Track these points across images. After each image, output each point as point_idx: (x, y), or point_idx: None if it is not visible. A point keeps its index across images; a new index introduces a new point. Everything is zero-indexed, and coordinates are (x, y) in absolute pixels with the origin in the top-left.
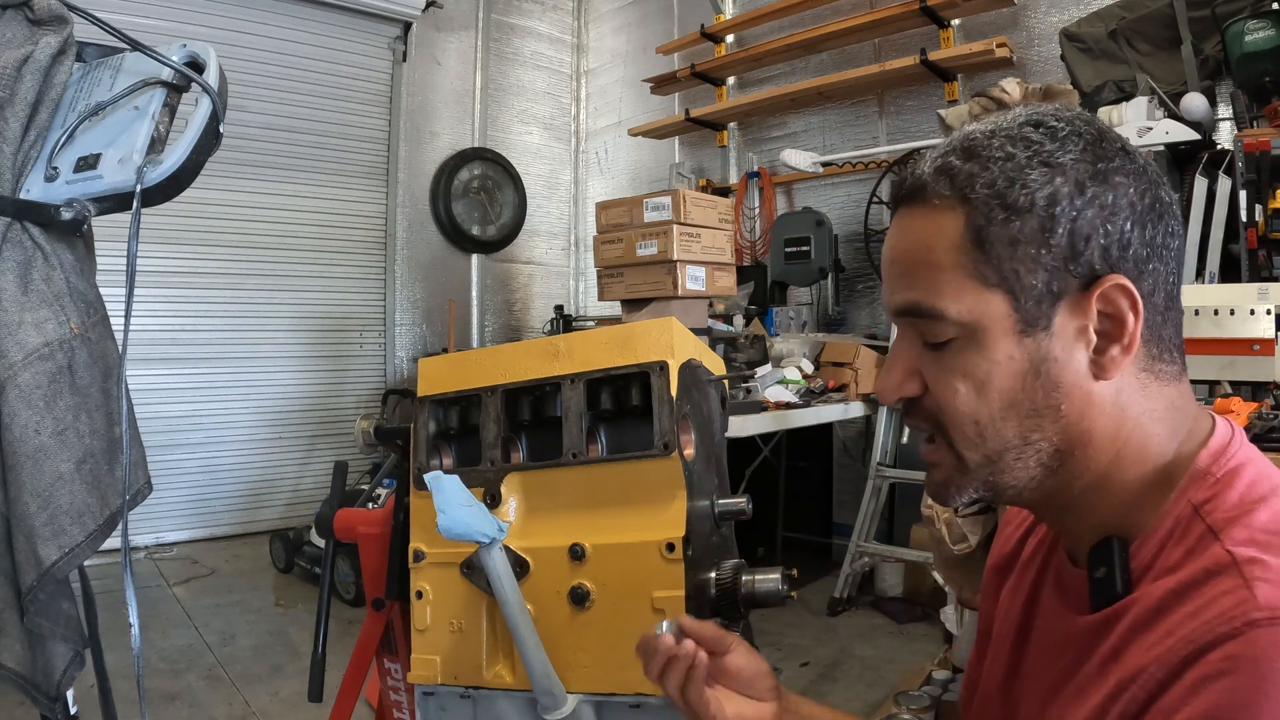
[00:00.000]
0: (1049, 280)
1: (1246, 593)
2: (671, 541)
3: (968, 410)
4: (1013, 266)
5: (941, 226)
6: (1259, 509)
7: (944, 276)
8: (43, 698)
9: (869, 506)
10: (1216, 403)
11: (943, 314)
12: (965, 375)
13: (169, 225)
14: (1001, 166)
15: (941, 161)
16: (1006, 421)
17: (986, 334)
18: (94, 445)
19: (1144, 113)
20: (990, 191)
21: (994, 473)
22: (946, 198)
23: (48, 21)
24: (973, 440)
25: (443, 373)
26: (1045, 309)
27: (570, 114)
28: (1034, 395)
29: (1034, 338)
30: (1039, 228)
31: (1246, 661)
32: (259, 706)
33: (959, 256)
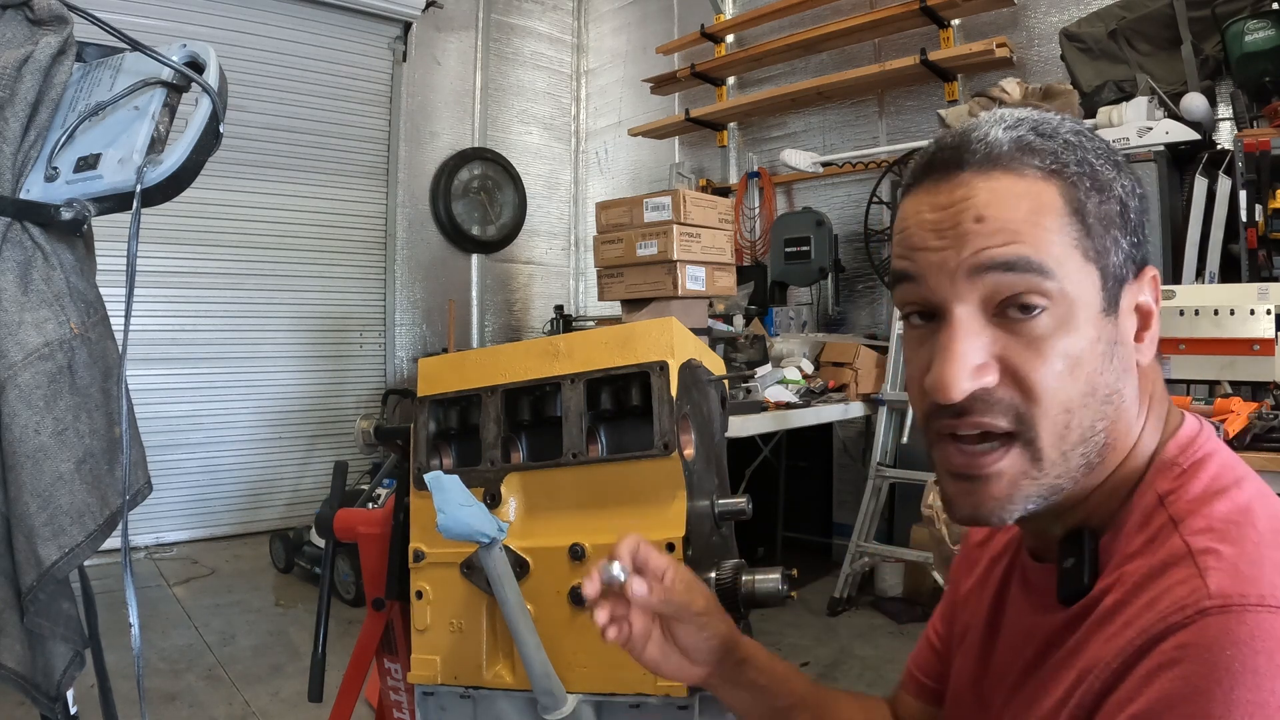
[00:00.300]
0: (1122, 264)
1: (1199, 582)
2: (671, 541)
3: (1062, 394)
4: (1105, 243)
5: (1043, 193)
6: (1218, 500)
7: (1054, 239)
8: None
9: (869, 506)
10: (1216, 403)
11: (1055, 275)
12: (1061, 354)
13: (169, 225)
14: (1079, 152)
15: (1016, 136)
16: (1087, 409)
17: (1080, 310)
18: (94, 445)
19: (1144, 113)
20: (1082, 170)
21: (1062, 473)
22: (1037, 169)
23: (48, 21)
24: (1060, 432)
25: (443, 373)
26: (1116, 292)
27: (570, 114)
28: (1108, 379)
29: (1111, 319)
30: (1119, 212)
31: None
32: (259, 706)
33: (1066, 224)
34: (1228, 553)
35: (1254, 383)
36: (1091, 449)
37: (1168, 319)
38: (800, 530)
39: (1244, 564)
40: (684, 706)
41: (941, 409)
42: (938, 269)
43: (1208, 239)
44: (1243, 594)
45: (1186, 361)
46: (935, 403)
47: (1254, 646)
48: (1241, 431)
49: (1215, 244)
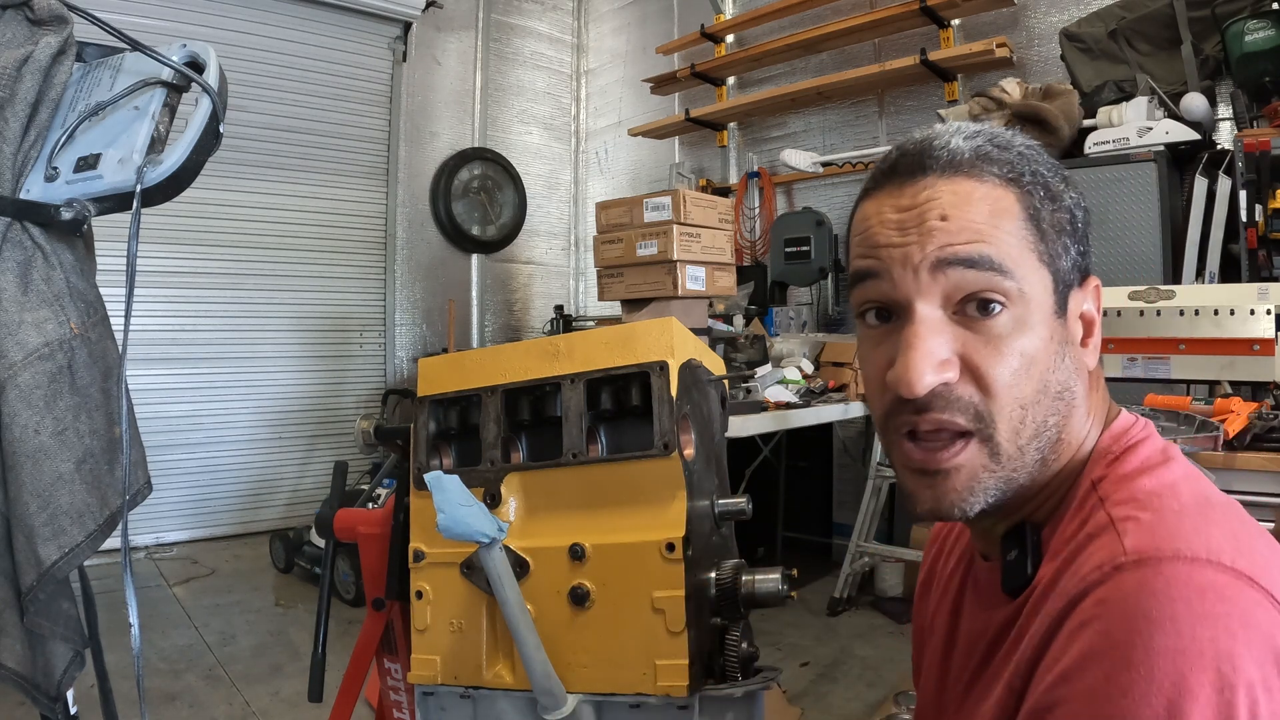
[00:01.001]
0: (1070, 269)
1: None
2: (671, 541)
3: (1016, 390)
4: (1056, 249)
5: (1001, 198)
6: (1144, 477)
7: (1011, 241)
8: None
9: (869, 506)
10: (1216, 403)
11: (1013, 274)
12: (1018, 351)
13: (169, 225)
14: (1032, 164)
15: (975, 145)
16: (1040, 404)
17: (1035, 309)
18: (94, 445)
19: (1144, 113)
20: (1037, 180)
21: (1018, 467)
22: (996, 176)
23: (48, 21)
24: (1015, 427)
25: (443, 373)
26: (1064, 296)
27: (570, 114)
28: (1060, 376)
29: (1062, 320)
30: (1069, 220)
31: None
32: (259, 706)
33: (1023, 229)
34: (1146, 518)
35: (1254, 383)
36: (1045, 444)
37: (1168, 319)
38: (800, 530)
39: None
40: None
41: (902, 405)
42: (901, 264)
43: (1208, 239)
44: (1157, 548)
45: (1186, 361)
46: (896, 399)
47: (1170, 595)
48: (1241, 431)
49: (1215, 244)
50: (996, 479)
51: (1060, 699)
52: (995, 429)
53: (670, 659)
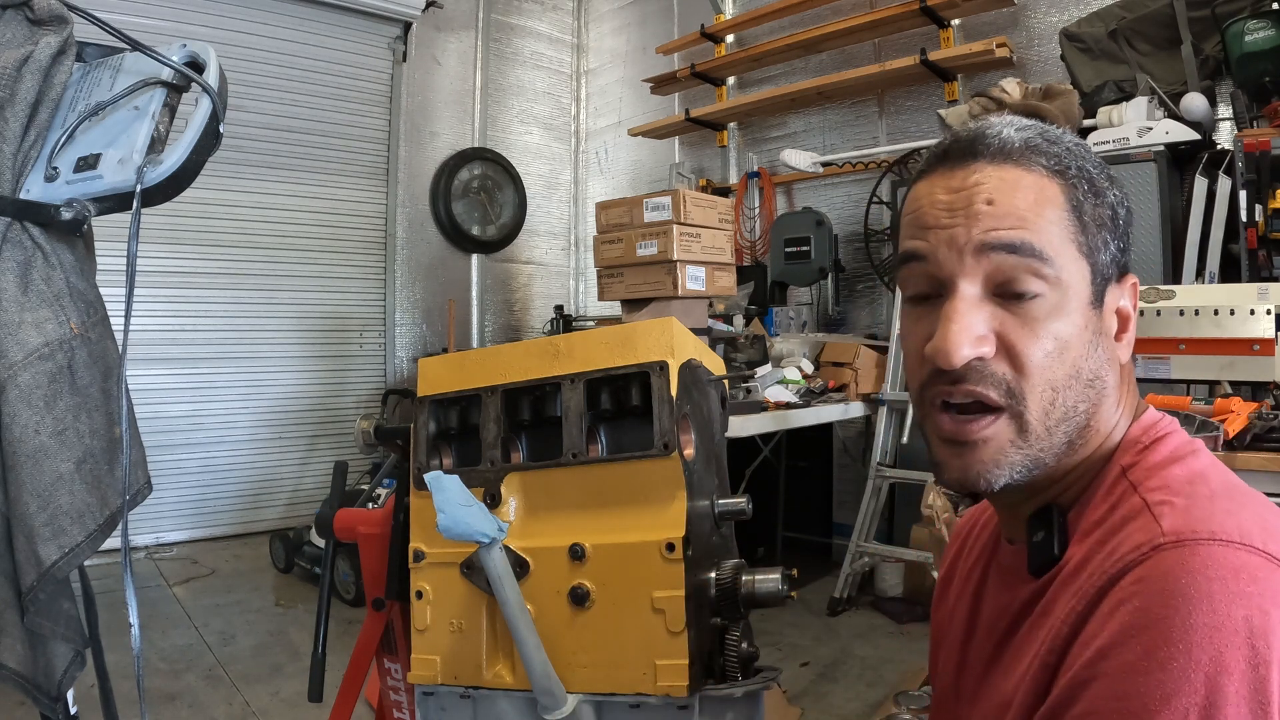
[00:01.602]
0: (1109, 264)
1: (1154, 524)
2: (671, 541)
3: (1049, 372)
4: (1096, 242)
5: (1046, 188)
6: (1175, 465)
7: (1054, 230)
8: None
9: (869, 506)
10: (1216, 403)
11: (1052, 260)
12: (1053, 335)
13: (169, 225)
14: (1079, 159)
15: (1026, 137)
16: (1071, 389)
17: (1072, 297)
18: (94, 445)
19: (1144, 113)
20: (1082, 175)
21: (1045, 446)
22: (1044, 167)
23: (48, 21)
24: (1045, 408)
25: (443, 373)
26: (1103, 289)
27: (570, 114)
28: (1092, 364)
29: (1097, 311)
30: (1111, 217)
31: (1154, 581)
32: (259, 706)
33: (1065, 219)
34: (1180, 503)
35: (1254, 383)
36: (1074, 428)
37: (1168, 319)
38: (800, 530)
39: (1196, 509)
40: (684, 706)
41: (939, 376)
42: (948, 244)
43: (1208, 239)
44: (1194, 530)
45: (1186, 361)
46: (934, 370)
47: (1207, 574)
48: (1241, 431)
49: (1215, 244)
50: (1024, 456)
51: (1100, 673)
52: (1026, 406)
53: (670, 659)
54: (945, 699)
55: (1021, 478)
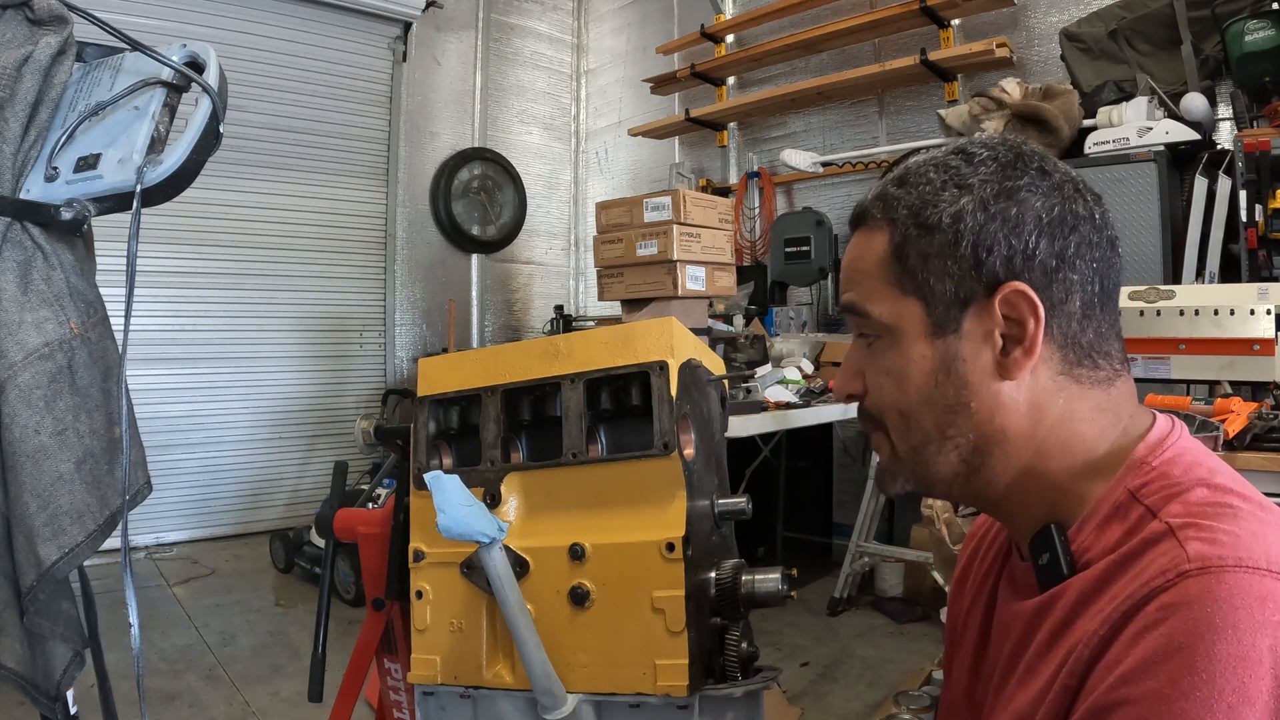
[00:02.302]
0: (956, 288)
1: (1179, 550)
2: (671, 541)
3: (891, 401)
4: (925, 277)
5: (873, 243)
6: (1195, 489)
7: (870, 283)
8: (43, 698)
9: (869, 506)
10: (1216, 403)
11: (868, 313)
12: (888, 370)
13: (169, 225)
14: (920, 191)
15: (880, 189)
16: (923, 415)
17: (903, 334)
18: (94, 445)
19: (1144, 113)
20: (908, 212)
21: (918, 464)
22: (879, 220)
23: (48, 21)
24: (900, 430)
25: (443, 373)
26: (954, 314)
27: (570, 114)
28: (945, 391)
29: (944, 339)
30: (947, 241)
31: (1180, 609)
32: (259, 706)
33: (883, 268)
34: (1206, 525)
35: (1254, 383)
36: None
37: (1168, 319)
38: (800, 530)
39: (1221, 533)
40: (684, 706)
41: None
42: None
43: (1208, 239)
44: (1220, 556)
45: (1186, 361)
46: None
47: (1233, 603)
48: (1241, 431)
49: (1215, 244)
50: (901, 470)
51: (1124, 699)
52: (886, 428)
53: (670, 659)
54: (957, 705)
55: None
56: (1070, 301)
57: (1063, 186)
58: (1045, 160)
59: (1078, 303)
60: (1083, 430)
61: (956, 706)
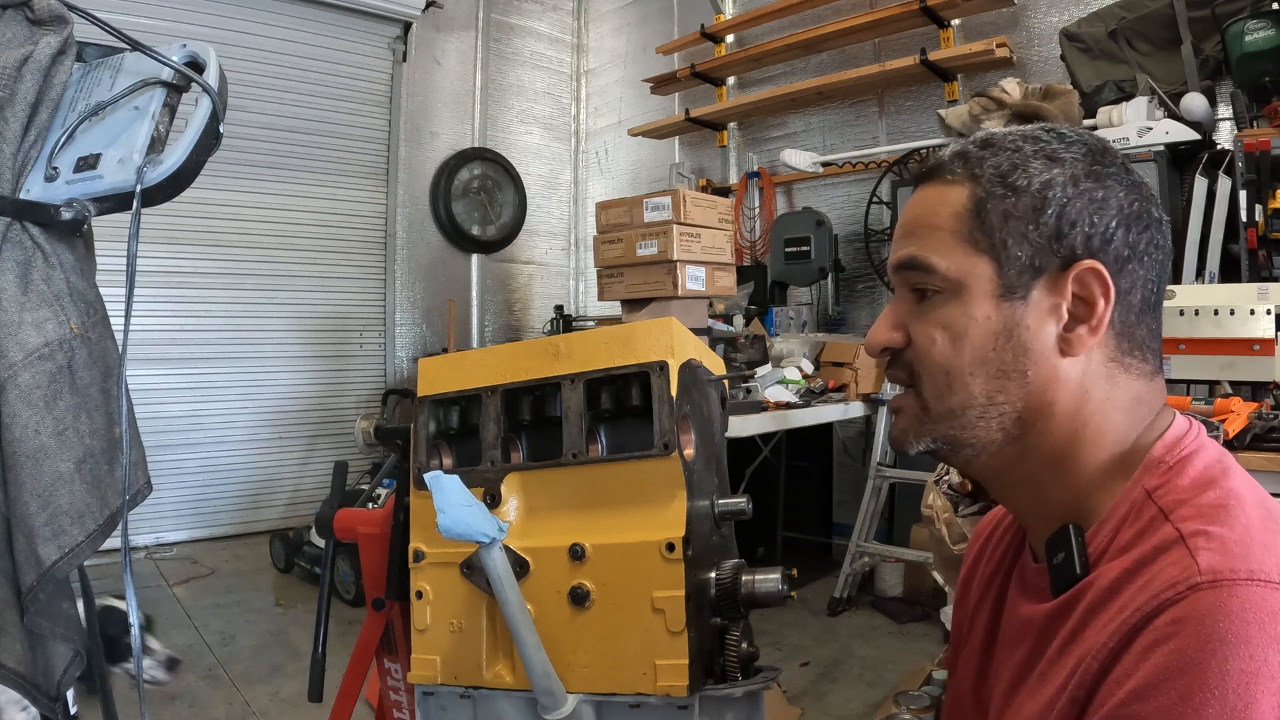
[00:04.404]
0: (1033, 255)
1: (1190, 561)
2: (671, 541)
3: (941, 359)
4: (1003, 237)
5: (948, 197)
6: (1207, 490)
7: (939, 236)
8: (43, 698)
9: (869, 506)
10: (1216, 403)
11: (932, 267)
12: (944, 326)
13: (169, 225)
14: (1009, 155)
15: (960, 147)
16: (975, 377)
17: (969, 292)
18: (94, 445)
19: (1144, 113)
20: (996, 172)
21: (956, 426)
22: (959, 174)
23: (48, 21)
24: (941, 390)
25: (443, 373)
26: (1025, 280)
27: (570, 114)
28: (1003, 356)
29: (1010, 303)
30: (1031, 207)
31: (1191, 623)
32: (259, 706)
33: (957, 222)
34: (1217, 533)
35: (1254, 383)
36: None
37: (1168, 319)
38: (800, 530)
39: (1233, 543)
40: (684, 706)
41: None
42: (889, 266)
43: (1208, 239)
44: (1232, 569)
45: (1186, 361)
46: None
47: (1245, 618)
48: (1241, 431)
49: (1215, 244)
50: (930, 430)
51: (1133, 714)
52: (922, 387)
53: (670, 659)
54: (962, 703)
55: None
56: (1134, 293)
57: (1140, 187)
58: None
59: (1138, 296)
60: (1118, 420)
61: (962, 704)
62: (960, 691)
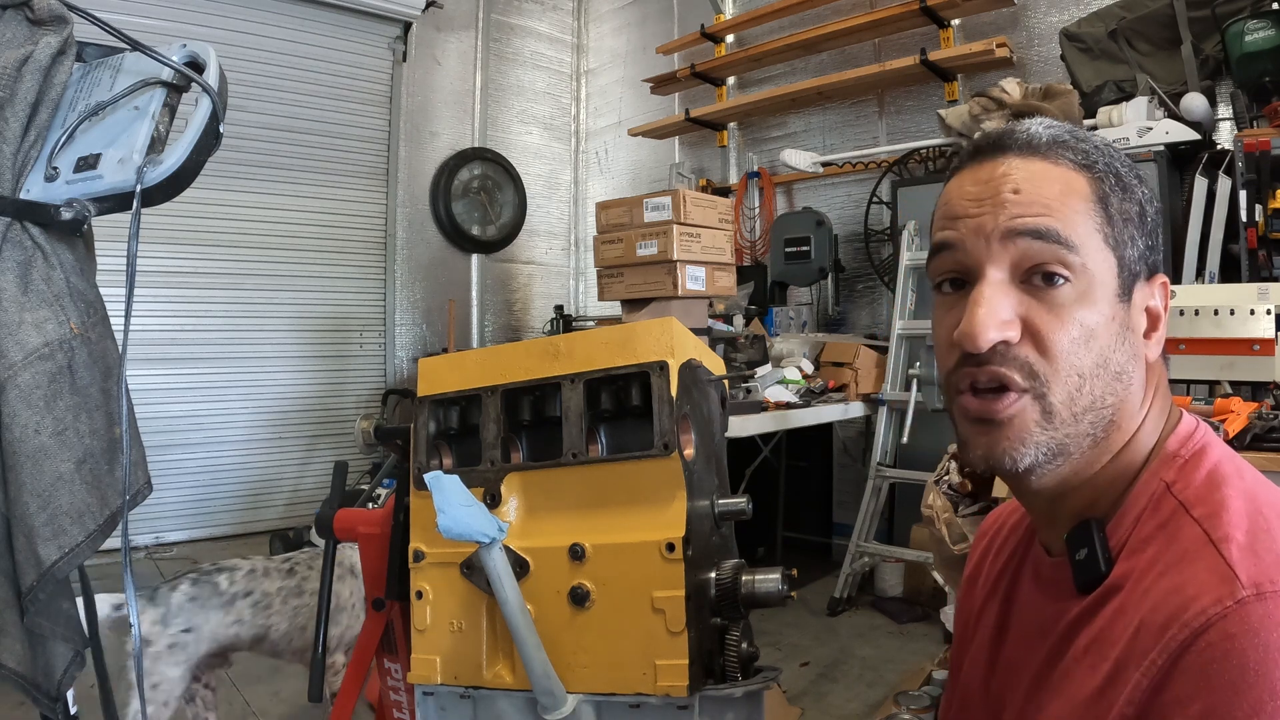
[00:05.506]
0: (1138, 260)
1: (1227, 571)
2: (671, 541)
3: (1077, 360)
4: (1123, 236)
5: (1073, 180)
6: (1225, 487)
7: (1079, 219)
8: (43, 697)
9: (869, 506)
10: (1216, 403)
11: (1078, 248)
12: (1078, 322)
13: (169, 225)
14: (1107, 156)
15: (1054, 134)
16: (1098, 379)
17: (1098, 287)
18: (94, 445)
19: (1144, 113)
20: (1109, 169)
21: (1071, 433)
22: (1070, 160)
23: (48, 21)
24: (1071, 393)
25: (443, 373)
26: (1131, 284)
27: (570, 114)
28: (1119, 357)
29: (1123, 305)
30: (1139, 214)
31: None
32: (259, 706)
33: (1092, 210)
34: (1246, 540)
35: (1254, 383)
36: (1100, 420)
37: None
38: (800, 530)
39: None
40: (684, 706)
41: (967, 359)
42: (975, 232)
43: (1208, 239)
44: (1272, 579)
45: (1186, 361)
46: (962, 354)
47: None
48: (1241, 431)
49: (1215, 244)
50: (1048, 438)
51: None
52: (1050, 389)
53: (670, 659)
54: (971, 699)
55: (1045, 460)
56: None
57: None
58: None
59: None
60: (1157, 418)
61: (971, 701)
62: (969, 689)
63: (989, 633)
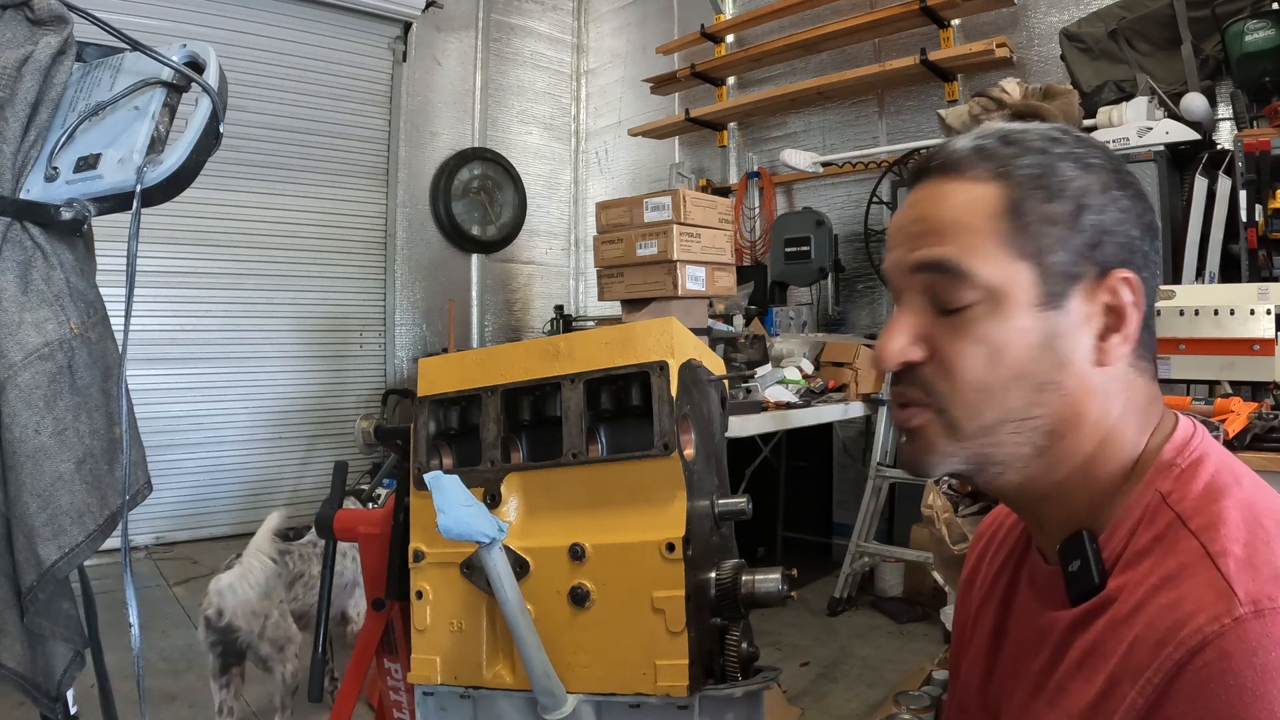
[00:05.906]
0: (1071, 262)
1: (1224, 586)
2: (671, 541)
3: (976, 377)
4: (1043, 243)
5: (978, 196)
6: (1223, 498)
7: (977, 239)
8: (43, 697)
9: (869, 506)
10: (1216, 403)
11: (972, 274)
12: (981, 341)
13: (169, 225)
14: (1038, 156)
15: (978, 144)
16: (1011, 392)
17: (1008, 301)
18: (94, 445)
19: (1144, 113)
20: (1030, 172)
21: (987, 445)
22: (984, 172)
23: (48, 21)
24: (973, 407)
25: (443, 373)
26: (1063, 288)
27: (570, 114)
28: (1041, 368)
29: (1049, 313)
30: (1070, 212)
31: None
32: (259, 707)
33: (995, 224)
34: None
35: (1254, 383)
36: (1029, 432)
37: (1168, 319)
38: (800, 530)
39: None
40: (684, 706)
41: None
42: (894, 266)
43: (1208, 239)
44: (1270, 596)
45: (1186, 361)
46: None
47: None
48: (1241, 431)
49: (1215, 244)
50: (959, 448)
51: None
52: (949, 405)
53: (670, 659)
54: (969, 704)
55: (972, 470)
56: (1149, 300)
57: (1147, 198)
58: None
59: (1149, 302)
60: (1136, 423)
61: (968, 706)
62: (967, 693)
63: (986, 637)
